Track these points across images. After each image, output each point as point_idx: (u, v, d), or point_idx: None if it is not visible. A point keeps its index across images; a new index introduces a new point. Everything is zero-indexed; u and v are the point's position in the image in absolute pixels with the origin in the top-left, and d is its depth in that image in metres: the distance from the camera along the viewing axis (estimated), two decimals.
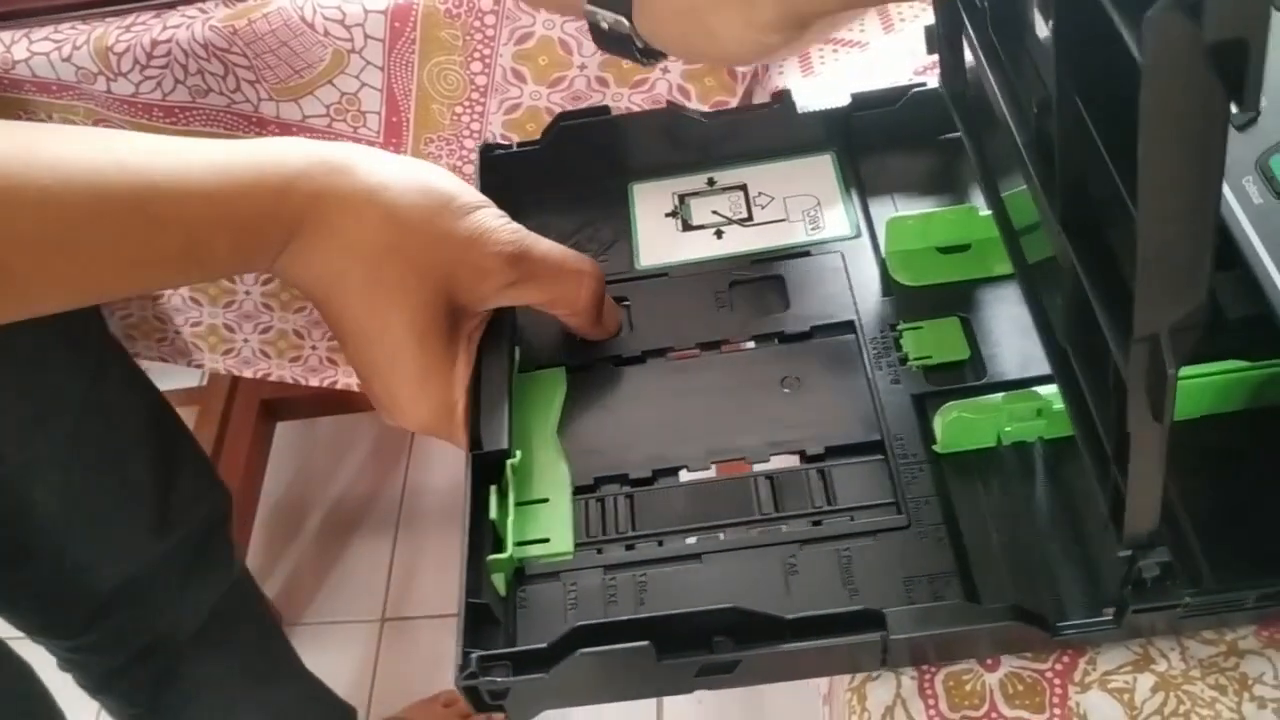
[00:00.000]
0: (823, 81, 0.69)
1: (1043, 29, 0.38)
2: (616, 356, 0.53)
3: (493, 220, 0.49)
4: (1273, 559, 0.42)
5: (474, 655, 0.40)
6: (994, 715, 0.42)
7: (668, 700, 1.31)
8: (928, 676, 0.43)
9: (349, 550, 1.52)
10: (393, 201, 0.46)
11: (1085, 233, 0.36)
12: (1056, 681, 0.43)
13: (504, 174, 0.59)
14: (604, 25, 0.50)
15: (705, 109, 0.75)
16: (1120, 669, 0.42)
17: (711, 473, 0.49)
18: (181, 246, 0.43)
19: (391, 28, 0.76)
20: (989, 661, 0.43)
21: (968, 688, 0.43)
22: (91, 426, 0.82)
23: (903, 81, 0.59)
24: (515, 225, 0.50)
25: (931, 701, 0.43)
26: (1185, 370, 0.46)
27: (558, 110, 0.75)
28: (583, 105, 0.70)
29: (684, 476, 0.49)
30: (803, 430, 0.49)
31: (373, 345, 0.47)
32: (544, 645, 0.40)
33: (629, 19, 0.49)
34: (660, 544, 0.46)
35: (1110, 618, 0.41)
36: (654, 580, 0.45)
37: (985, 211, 0.53)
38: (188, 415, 1.66)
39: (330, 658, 1.34)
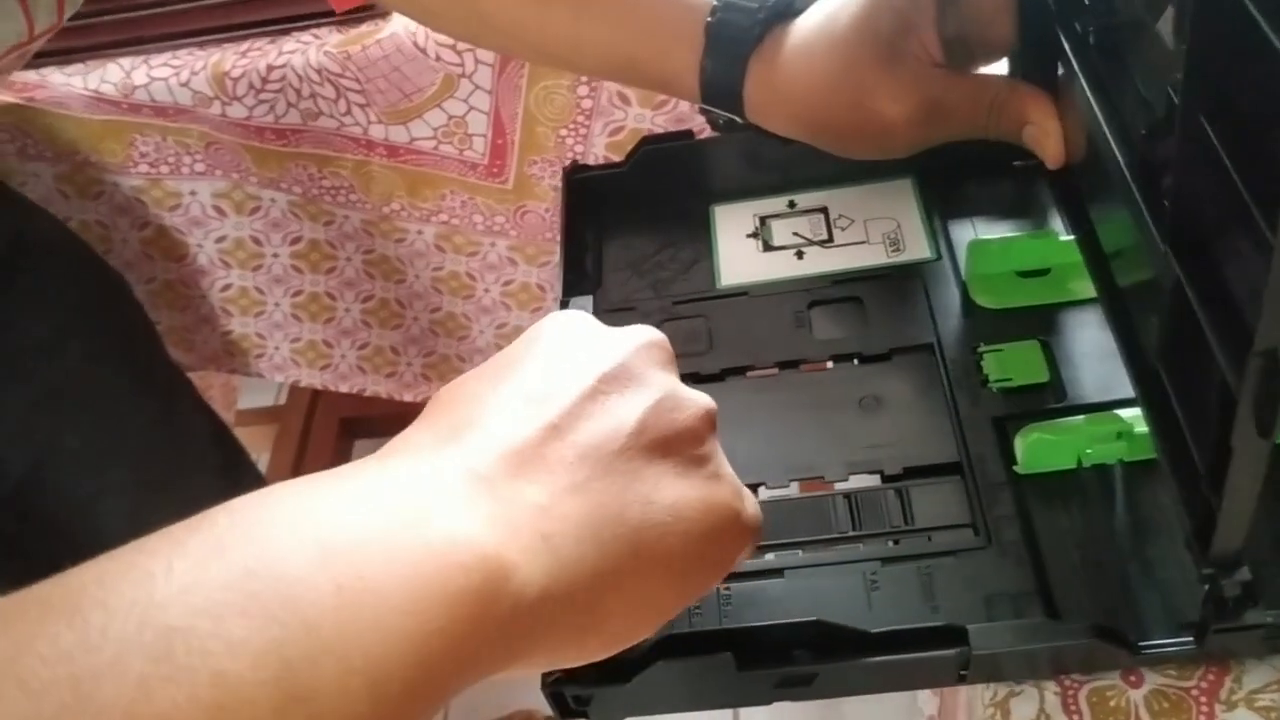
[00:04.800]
0: None
1: (1161, 51, 0.38)
2: (695, 374, 0.54)
3: None
4: None
5: None
6: None
7: (744, 711, 1.31)
8: (1071, 692, 0.44)
9: None
10: None
11: (1193, 252, 0.37)
12: (1202, 699, 0.42)
13: (589, 195, 0.60)
14: (719, 121, 0.56)
15: None
16: (1267, 687, 0.42)
17: (791, 490, 0.49)
18: None
19: (506, 54, 0.78)
20: (1133, 678, 0.43)
21: (1112, 704, 0.43)
22: (158, 451, 0.84)
23: None
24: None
25: (1076, 717, 0.43)
26: None
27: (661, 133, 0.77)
28: (685, 128, 0.72)
29: (763, 494, 0.49)
30: (881, 450, 0.49)
31: None
32: (628, 654, 0.41)
33: (742, 118, 0.55)
34: None
35: (1191, 638, 0.41)
36: (737, 595, 0.46)
37: (1065, 237, 0.53)
38: (267, 433, 1.70)
39: None
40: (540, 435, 0.33)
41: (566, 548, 0.31)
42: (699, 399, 0.38)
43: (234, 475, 0.94)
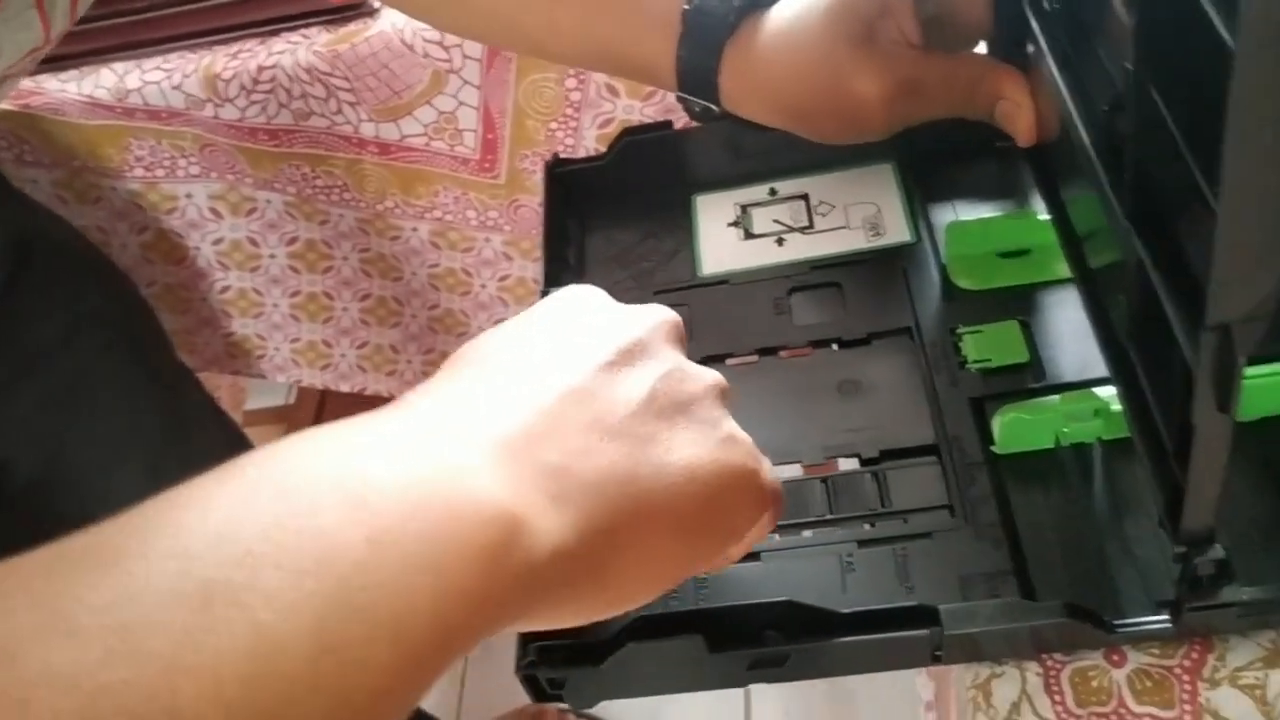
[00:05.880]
0: None
1: (1119, 27, 0.38)
2: None
3: None
4: None
5: (532, 646, 0.42)
6: (1122, 711, 0.42)
7: (755, 710, 1.31)
8: (1053, 673, 0.43)
9: None
10: None
11: (1153, 228, 0.37)
12: (1186, 678, 0.42)
13: (571, 187, 0.60)
14: (695, 109, 0.56)
15: None
16: (1251, 665, 0.42)
17: None
18: None
19: (493, 46, 0.78)
20: (1115, 658, 0.43)
21: (1094, 683, 0.43)
22: (169, 450, 0.84)
23: None
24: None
25: (1058, 697, 0.43)
26: (1256, 370, 0.46)
27: None
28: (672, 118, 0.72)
29: None
30: (859, 434, 0.49)
31: None
32: (600, 637, 0.41)
33: (718, 105, 0.55)
34: None
35: (1168, 617, 0.41)
36: (713, 579, 0.46)
37: (1045, 216, 0.53)
38: (276, 433, 1.71)
39: None
40: (555, 400, 0.34)
41: (577, 507, 0.31)
42: (709, 373, 0.39)
43: None
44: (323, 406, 1.66)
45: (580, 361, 0.35)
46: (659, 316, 0.39)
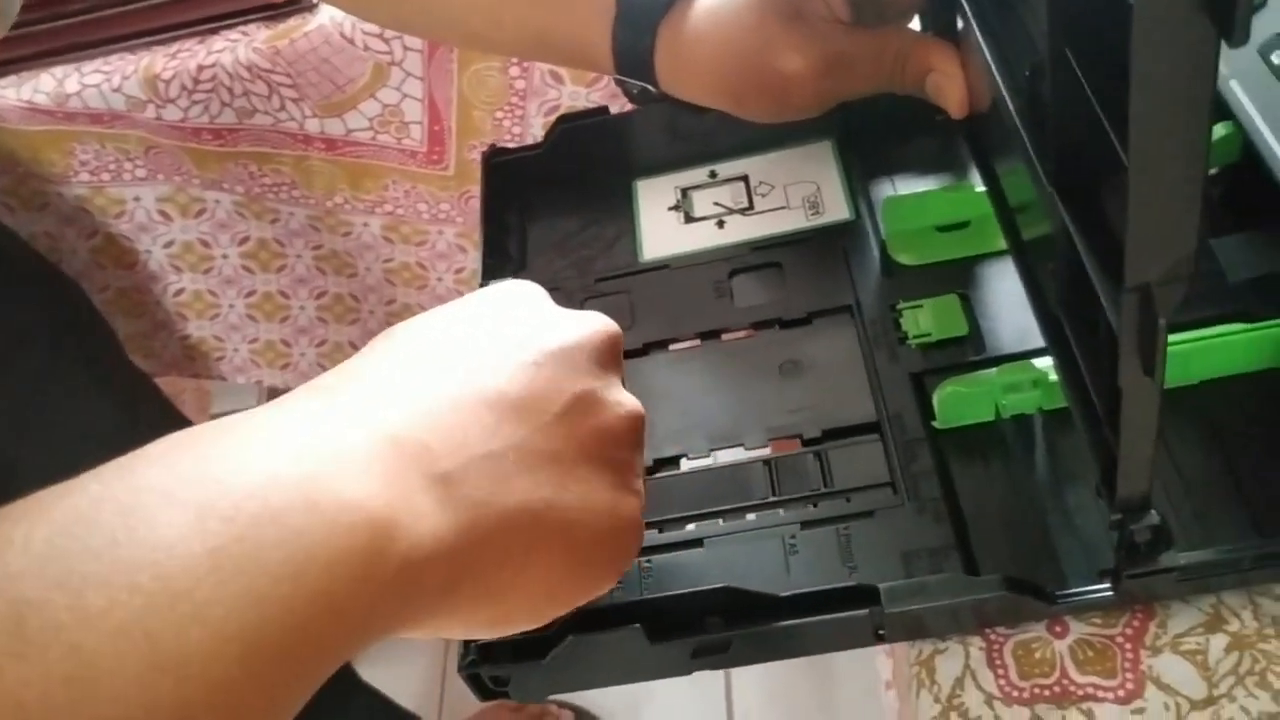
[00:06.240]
0: None
1: None
2: None
3: None
4: (1268, 520, 0.41)
5: (474, 644, 0.41)
6: (1065, 682, 0.42)
7: (736, 699, 1.31)
8: (996, 646, 0.43)
9: None
10: None
11: (1078, 194, 0.37)
12: (1128, 646, 0.42)
13: (509, 177, 0.60)
14: (634, 91, 0.56)
15: None
16: (1192, 631, 0.42)
17: (711, 460, 0.49)
18: None
19: (432, 40, 0.78)
20: (1058, 629, 0.43)
21: (1037, 655, 0.43)
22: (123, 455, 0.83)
23: None
24: None
25: (1001, 671, 0.43)
26: (1185, 335, 0.46)
27: None
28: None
29: (685, 465, 0.49)
30: (800, 415, 0.49)
31: None
32: (542, 633, 0.41)
33: (656, 87, 0.54)
34: (661, 531, 0.47)
35: (1109, 585, 0.41)
36: (658, 567, 0.46)
37: (982, 188, 0.53)
38: None
39: (401, 670, 1.36)
40: (466, 396, 0.32)
41: (465, 513, 0.30)
42: (631, 404, 0.37)
43: None
44: None
45: (502, 359, 0.34)
46: (594, 327, 0.37)
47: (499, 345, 0.35)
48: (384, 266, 0.96)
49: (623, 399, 0.37)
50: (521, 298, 0.38)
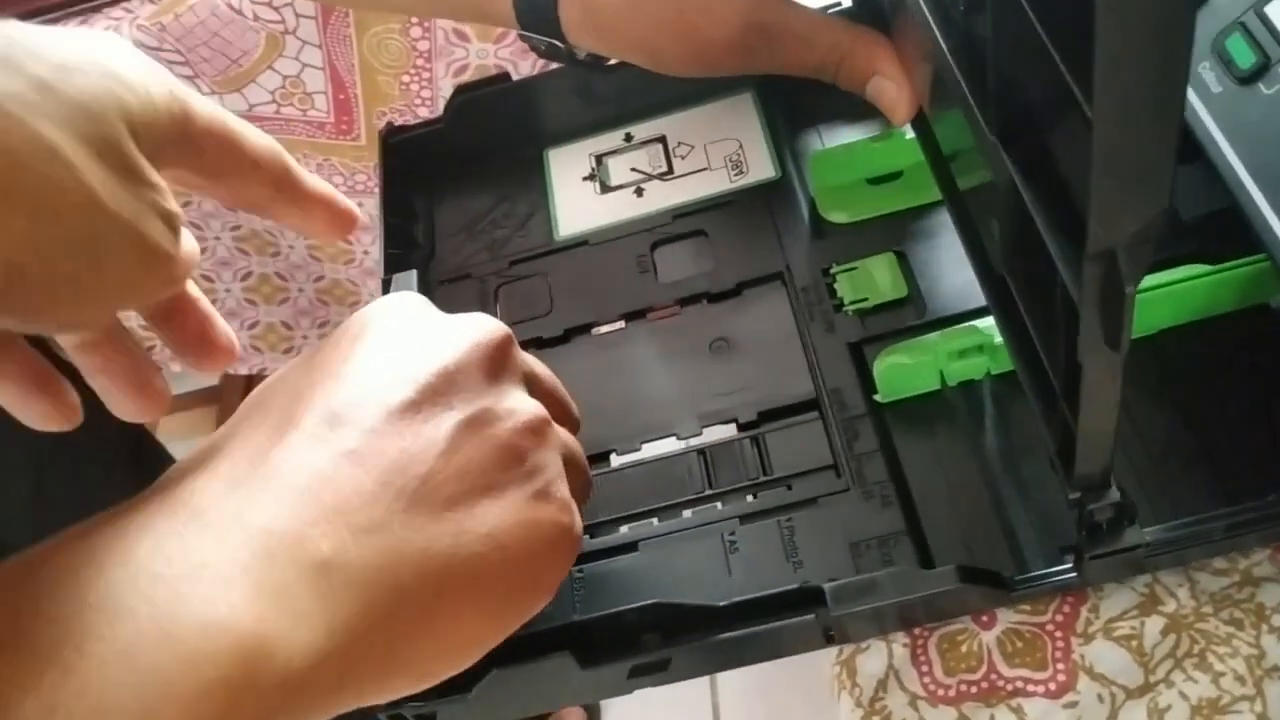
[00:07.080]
0: None
1: None
2: (538, 339, 0.50)
3: None
4: (1241, 484, 0.38)
5: None
6: (994, 677, 0.39)
7: (722, 699, 1.29)
8: (920, 642, 0.41)
9: None
10: None
11: (1024, 145, 0.33)
12: (1058, 634, 0.39)
13: (409, 157, 0.55)
14: (541, 47, 0.51)
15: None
16: (1126, 614, 0.39)
17: (642, 454, 0.46)
18: None
19: (322, 3, 0.73)
20: (984, 619, 0.40)
21: (963, 649, 0.40)
22: (59, 460, 0.80)
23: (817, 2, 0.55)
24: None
25: (925, 669, 0.40)
26: (1146, 280, 0.42)
27: (509, 67, 0.72)
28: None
29: (614, 461, 0.46)
30: (735, 397, 0.46)
31: None
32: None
33: (562, 41, 0.50)
34: (592, 536, 0.44)
35: (1070, 567, 0.38)
36: (590, 577, 0.43)
37: (912, 135, 0.49)
38: (207, 415, 1.66)
39: None
40: (336, 465, 0.30)
41: (354, 599, 0.28)
42: (525, 409, 0.34)
43: (151, 479, 0.90)
44: (250, 385, 1.62)
45: (369, 410, 0.31)
46: (475, 338, 0.34)
47: (367, 394, 0.32)
48: (307, 244, 0.92)
49: (516, 406, 0.34)
50: (391, 323, 0.34)
